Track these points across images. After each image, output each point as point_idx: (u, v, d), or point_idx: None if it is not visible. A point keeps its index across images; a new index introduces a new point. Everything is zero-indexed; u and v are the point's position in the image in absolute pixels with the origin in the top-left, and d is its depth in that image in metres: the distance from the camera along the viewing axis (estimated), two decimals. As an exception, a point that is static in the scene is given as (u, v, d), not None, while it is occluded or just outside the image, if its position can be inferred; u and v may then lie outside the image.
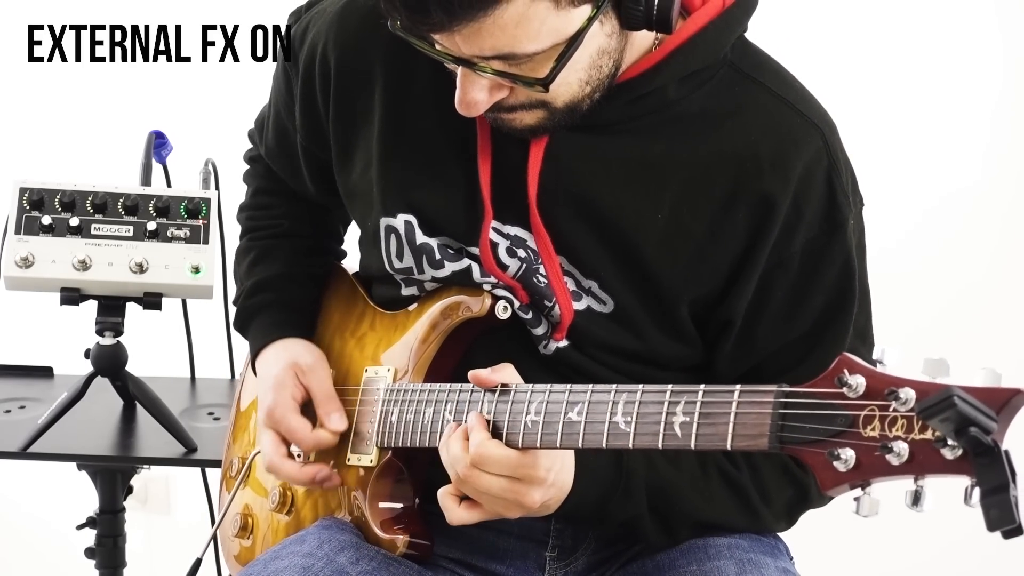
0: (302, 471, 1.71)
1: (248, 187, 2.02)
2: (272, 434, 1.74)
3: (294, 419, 1.73)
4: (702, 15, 1.58)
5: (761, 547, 1.68)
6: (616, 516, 1.63)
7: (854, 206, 1.64)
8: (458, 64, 1.48)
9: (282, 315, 1.86)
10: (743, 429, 1.30)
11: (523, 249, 1.64)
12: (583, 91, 1.53)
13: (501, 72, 1.47)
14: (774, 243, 1.60)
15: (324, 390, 1.75)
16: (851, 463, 1.20)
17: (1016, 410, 1.13)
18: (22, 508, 3.44)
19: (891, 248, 2.80)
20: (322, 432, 1.72)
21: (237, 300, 1.92)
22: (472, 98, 1.51)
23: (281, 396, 1.74)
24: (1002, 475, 1.07)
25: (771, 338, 1.64)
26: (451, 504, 1.53)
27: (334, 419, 1.72)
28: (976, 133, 2.97)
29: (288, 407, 1.73)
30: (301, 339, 1.83)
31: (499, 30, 1.41)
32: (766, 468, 1.65)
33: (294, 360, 1.77)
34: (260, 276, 1.89)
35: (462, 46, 1.44)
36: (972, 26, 2.94)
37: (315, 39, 1.74)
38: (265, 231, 1.95)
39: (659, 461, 1.62)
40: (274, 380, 1.76)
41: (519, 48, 1.43)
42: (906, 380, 1.18)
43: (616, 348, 1.65)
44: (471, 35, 1.42)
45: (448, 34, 1.43)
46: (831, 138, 1.62)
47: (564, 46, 1.45)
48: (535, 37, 1.42)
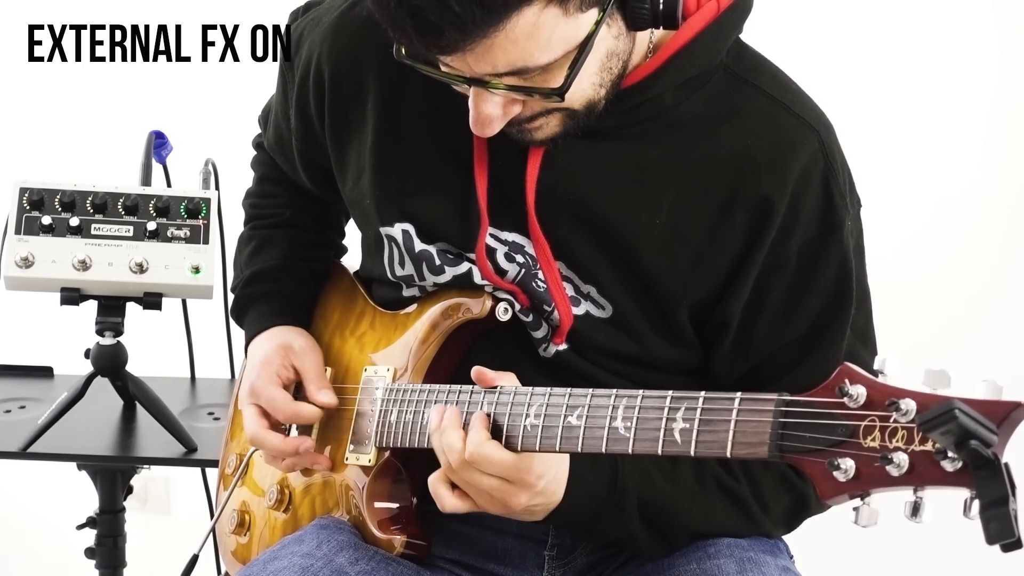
0: (286, 442, 1.72)
1: (255, 173, 2.02)
2: (254, 408, 1.74)
3: (275, 390, 1.73)
4: (697, 20, 1.58)
5: (761, 546, 1.68)
6: (606, 532, 1.64)
7: (851, 207, 1.64)
8: (470, 84, 1.47)
9: (279, 305, 1.86)
10: (743, 437, 1.30)
11: (521, 255, 1.64)
12: (598, 94, 1.52)
13: (515, 87, 1.45)
14: (771, 245, 1.59)
15: (315, 370, 1.76)
16: (851, 473, 1.20)
17: (1017, 423, 1.13)
18: (22, 508, 3.44)
19: (891, 257, 2.80)
20: (303, 404, 1.73)
21: (236, 288, 1.92)
22: (487, 116, 1.49)
23: (265, 371, 1.75)
24: (1002, 488, 1.07)
25: (768, 340, 1.64)
26: (443, 491, 1.53)
27: (323, 394, 1.73)
28: (975, 137, 2.96)
29: (270, 380, 1.74)
30: (296, 327, 1.84)
31: (511, 44, 1.39)
32: (764, 478, 1.65)
33: (285, 342, 1.79)
34: (260, 266, 1.90)
35: (474, 65, 1.43)
36: (970, 27, 2.93)
37: (310, 49, 1.74)
38: (267, 220, 1.95)
39: (656, 477, 1.62)
40: (262, 359, 1.77)
41: (532, 61, 1.42)
42: (907, 391, 1.18)
43: (615, 352, 1.65)
44: (483, 53, 1.40)
45: (460, 55, 1.41)
46: (828, 140, 1.62)
47: (576, 53, 1.44)
48: (547, 47, 1.41)
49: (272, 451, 1.74)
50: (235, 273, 1.96)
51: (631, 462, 1.60)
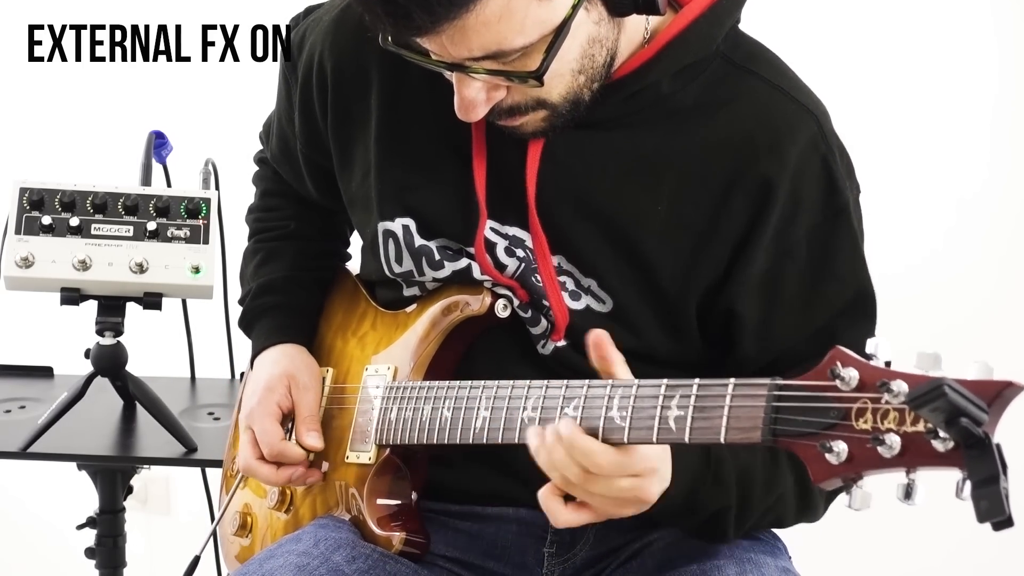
0: (277, 474, 1.73)
1: (256, 188, 2.02)
2: (250, 434, 1.75)
3: (268, 422, 1.74)
4: (693, 7, 1.58)
5: (761, 547, 1.68)
6: (703, 508, 1.57)
7: (852, 191, 1.64)
8: (451, 70, 1.48)
9: (286, 319, 1.86)
10: (737, 422, 1.31)
11: (521, 249, 1.65)
12: (577, 82, 1.52)
13: (493, 71, 1.46)
14: (776, 232, 1.59)
15: (310, 408, 1.76)
16: (843, 456, 1.20)
17: (1008, 403, 1.13)
18: (22, 508, 3.44)
19: (890, 258, 2.80)
20: (290, 444, 1.73)
21: (243, 300, 1.92)
22: (469, 101, 1.50)
23: (266, 399, 1.76)
24: (992, 467, 1.07)
25: (790, 331, 1.63)
26: (557, 506, 1.46)
27: (312, 436, 1.73)
28: (975, 137, 2.96)
29: (268, 410, 1.75)
30: (303, 349, 1.84)
31: (483, 27, 1.41)
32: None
33: (292, 373, 1.78)
34: (266, 278, 1.90)
35: (450, 49, 1.44)
36: (970, 27, 2.93)
37: (312, 48, 1.75)
38: (272, 233, 1.96)
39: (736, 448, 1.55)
40: (265, 383, 1.78)
41: (506, 44, 1.43)
42: (898, 373, 1.18)
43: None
44: (457, 36, 1.42)
45: (435, 36, 1.43)
46: (825, 124, 1.62)
47: (552, 37, 1.44)
48: (520, 30, 1.42)
49: (263, 481, 1.77)
50: (242, 285, 1.96)
51: None
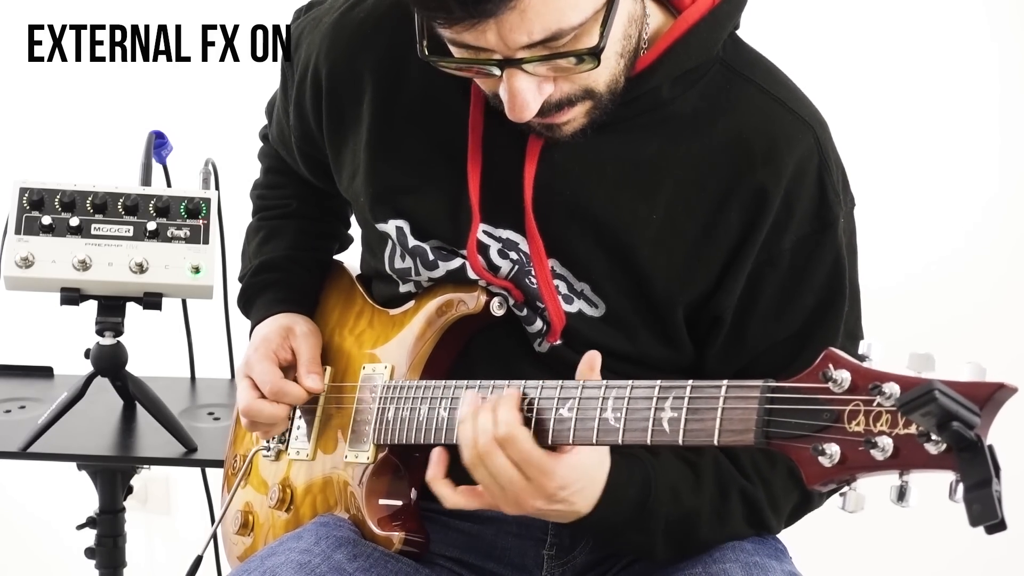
0: (276, 407, 1.73)
1: (261, 164, 2.04)
2: (247, 380, 1.76)
3: (267, 364, 1.75)
4: (693, 12, 1.58)
5: (766, 549, 1.67)
6: (624, 547, 1.65)
7: (845, 205, 1.63)
8: (502, 68, 1.46)
9: (285, 294, 1.88)
10: (730, 424, 1.31)
11: (515, 252, 1.65)
12: (619, 67, 1.52)
13: (551, 56, 1.44)
14: (764, 240, 1.59)
15: (309, 354, 1.77)
16: (836, 458, 1.20)
17: (1000, 404, 1.13)
18: (22, 508, 3.44)
19: (890, 258, 2.80)
20: (289, 382, 1.74)
21: (243, 277, 1.93)
22: (523, 99, 1.47)
23: (263, 346, 1.77)
24: (985, 470, 1.07)
25: (761, 337, 1.64)
26: (445, 489, 1.52)
27: (311, 379, 1.74)
28: (975, 138, 2.95)
29: (265, 355, 1.76)
30: (301, 315, 1.85)
31: (542, 5, 1.39)
32: (775, 476, 1.64)
33: (288, 324, 1.80)
34: (267, 256, 1.91)
35: (509, 37, 1.41)
36: (970, 28, 2.93)
37: (308, 50, 1.75)
38: (275, 211, 1.97)
39: (683, 490, 1.60)
40: (262, 336, 1.79)
41: (565, 21, 1.41)
42: (890, 375, 1.18)
43: (608, 350, 1.64)
44: (518, 20, 1.40)
45: (496, 22, 1.40)
46: (823, 136, 1.62)
47: (604, 10, 1.44)
48: (576, 5, 1.41)
49: (264, 419, 1.75)
50: (243, 263, 1.97)
51: (662, 478, 1.58)
